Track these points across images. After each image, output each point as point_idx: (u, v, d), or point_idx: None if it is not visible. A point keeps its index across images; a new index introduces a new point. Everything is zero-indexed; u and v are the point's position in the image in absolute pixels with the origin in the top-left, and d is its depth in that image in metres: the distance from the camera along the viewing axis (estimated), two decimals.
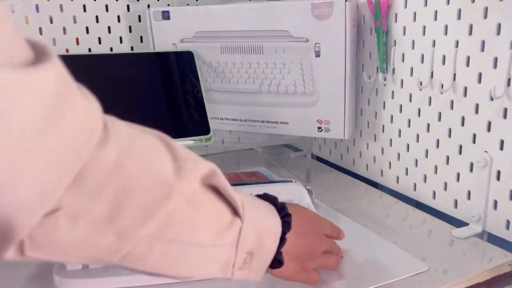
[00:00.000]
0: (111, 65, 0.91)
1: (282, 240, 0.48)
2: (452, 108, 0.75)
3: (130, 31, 1.05)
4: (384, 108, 0.88)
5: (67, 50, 0.99)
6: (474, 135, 0.72)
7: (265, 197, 0.51)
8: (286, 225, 0.49)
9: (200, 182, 0.41)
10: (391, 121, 0.87)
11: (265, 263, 0.48)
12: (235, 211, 0.44)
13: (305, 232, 0.53)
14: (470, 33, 0.70)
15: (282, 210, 0.50)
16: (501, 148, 0.69)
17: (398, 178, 0.88)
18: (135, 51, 1.05)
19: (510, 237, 0.69)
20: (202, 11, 0.95)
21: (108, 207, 0.35)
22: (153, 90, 0.77)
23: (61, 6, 0.98)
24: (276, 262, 0.48)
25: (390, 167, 0.90)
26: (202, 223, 0.41)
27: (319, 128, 0.92)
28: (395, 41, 0.83)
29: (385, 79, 0.86)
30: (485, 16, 0.68)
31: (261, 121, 0.96)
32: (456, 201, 0.77)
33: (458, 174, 0.76)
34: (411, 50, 0.80)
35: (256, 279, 0.48)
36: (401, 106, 0.84)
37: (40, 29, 0.97)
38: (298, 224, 0.51)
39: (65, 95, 0.30)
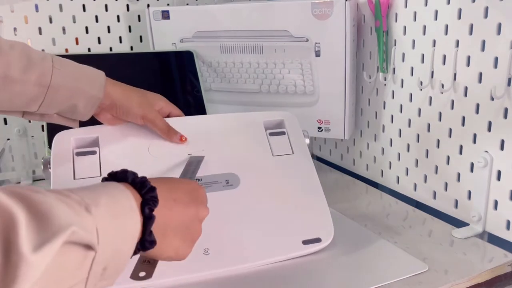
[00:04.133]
0: (111, 64, 0.91)
1: (149, 218, 0.43)
2: (452, 108, 0.75)
3: (130, 31, 1.05)
4: (384, 108, 0.88)
5: (66, 50, 0.99)
6: (475, 135, 0.72)
7: (122, 176, 0.45)
8: (151, 200, 0.43)
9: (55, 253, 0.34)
10: (392, 121, 0.87)
11: (122, 267, 0.42)
12: (87, 246, 0.37)
13: (181, 201, 0.48)
14: (471, 32, 0.70)
15: (143, 186, 0.44)
16: (502, 148, 0.68)
17: (398, 178, 0.88)
18: (134, 50, 1.05)
19: (510, 237, 0.69)
20: (202, 11, 0.95)
21: None
22: (153, 90, 0.77)
23: (60, 6, 0.98)
24: (147, 243, 0.43)
25: (390, 167, 0.89)
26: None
27: (319, 128, 0.92)
28: (395, 40, 0.83)
29: (385, 79, 0.86)
30: (486, 16, 0.67)
31: None
32: (456, 201, 0.77)
33: (459, 174, 0.76)
34: (411, 50, 0.80)
35: (110, 285, 0.41)
36: (401, 106, 0.84)
37: (40, 28, 0.97)
38: (170, 195, 0.47)
39: None
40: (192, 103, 0.92)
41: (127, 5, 1.03)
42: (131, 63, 0.95)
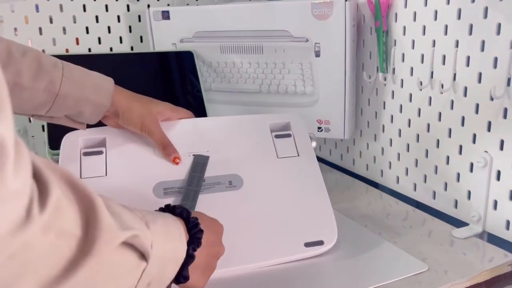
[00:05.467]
0: (111, 65, 0.91)
1: (191, 257, 0.48)
2: (452, 108, 0.75)
3: (130, 31, 1.05)
4: (384, 108, 0.88)
5: (67, 50, 0.99)
6: (474, 135, 0.72)
7: (179, 211, 0.50)
8: (196, 241, 0.49)
9: (113, 250, 0.37)
10: (391, 121, 0.87)
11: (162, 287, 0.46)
12: (142, 255, 0.41)
13: (211, 244, 0.53)
14: (470, 33, 0.70)
15: (194, 226, 0.49)
16: (501, 148, 0.68)
17: (398, 178, 0.88)
18: (135, 51, 1.05)
19: (510, 237, 0.69)
20: (202, 11, 0.95)
21: None
22: (153, 90, 0.78)
23: (61, 6, 0.98)
24: (182, 278, 0.48)
25: (390, 167, 0.89)
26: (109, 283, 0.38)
27: (319, 128, 0.92)
28: (395, 41, 0.83)
29: (385, 79, 0.86)
30: (485, 16, 0.67)
31: None
32: (456, 201, 0.77)
33: (458, 174, 0.76)
34: (411, 50, 0.80)
35: None
36: (401, 106, 0.84)
37: (40, 29, 0.97)
38: (206, 238, 0.51)
39: None
40: (192, 103, 0.92)
41: (128, 5, 1.04)
42: (131, 63, 0.95)
